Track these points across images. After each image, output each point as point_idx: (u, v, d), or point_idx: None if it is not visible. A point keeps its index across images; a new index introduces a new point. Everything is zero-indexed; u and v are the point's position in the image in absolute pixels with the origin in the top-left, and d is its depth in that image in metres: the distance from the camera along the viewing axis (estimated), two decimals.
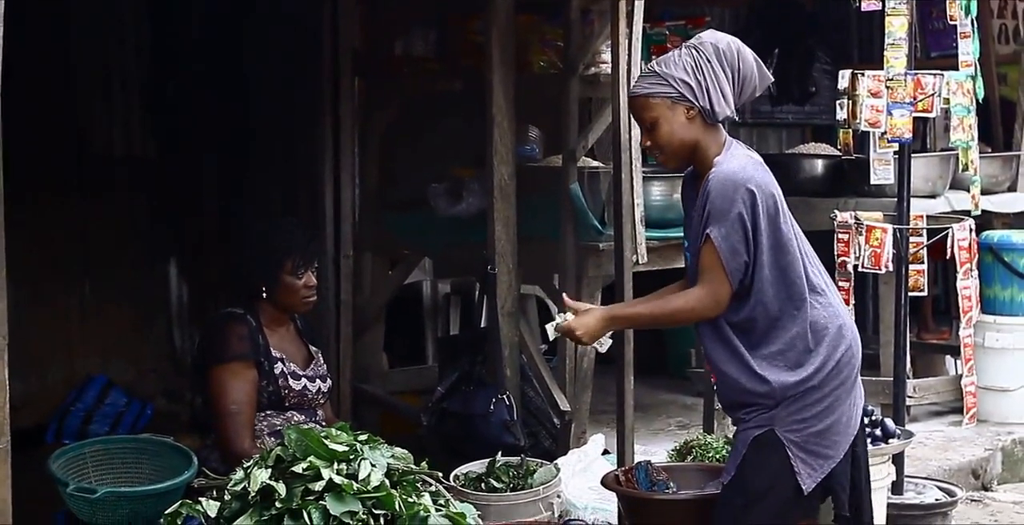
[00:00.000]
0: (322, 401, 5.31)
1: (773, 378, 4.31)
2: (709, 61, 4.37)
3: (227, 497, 3.94)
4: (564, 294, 4.78)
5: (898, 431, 5.82)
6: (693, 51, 4.39)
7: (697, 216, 4.40)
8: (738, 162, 4.36)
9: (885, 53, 6.16)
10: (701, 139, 4.41)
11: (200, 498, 4.00)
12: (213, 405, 5.00)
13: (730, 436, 5.34)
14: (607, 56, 6.20)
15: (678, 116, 4.38)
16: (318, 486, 3.82)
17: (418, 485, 4.03)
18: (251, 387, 5.02)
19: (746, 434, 4.37)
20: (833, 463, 4.33)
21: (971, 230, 6.92)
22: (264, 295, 5.15)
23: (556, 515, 5.39)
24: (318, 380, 5.27)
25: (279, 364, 5.11)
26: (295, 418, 5.10)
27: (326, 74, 7.40)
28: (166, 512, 3.96)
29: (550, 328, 4.54)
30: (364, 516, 3.82)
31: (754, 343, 4.36)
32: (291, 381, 5.12)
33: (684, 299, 4.42)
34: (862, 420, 4.51)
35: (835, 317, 4.37)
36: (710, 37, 4.44)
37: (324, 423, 5.11)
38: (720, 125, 4.45)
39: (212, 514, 3.92)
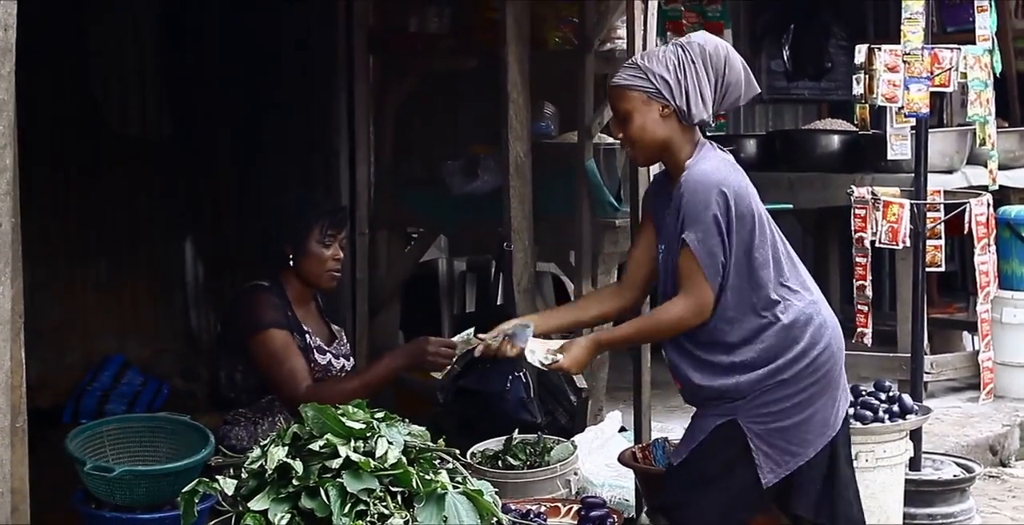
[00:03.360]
0: None
1: (738, 372, 4.26)
2: (693, 62, 4.31)
3: (244, 475, 3.94)
4: (537, 340, 4.54)
5: (915, 407, 5.80)
6: (679, 49, 4.34)
7: (672, 220, 4.33)
8: (711, 164, 4.30)
9: (902, 27, 6.13)
10: (674, 138, 4.35)
11: (217, 476, 4.00)
12: (265, 370, 4.95)
13: None
14: (622, 32, 6.19)
15: (652, 112, 4.33)
16: (335, 463, 3.82)
17: (435, 463, 4.03)
18: (293, 344, 4.99)
19: (707, 421, 4.32)
20: (801, 461, 4.26)
21: (988, 205, 6.90)
22: (291, 262, 5.10)
23: (573, 492, 5.39)
24: (341, 358, 5.27)
25: (307, 337, 5.10)
26: None
27: (340, 52, 7.39)
28: (183, 490, 3.97)
29: (535, 360, 4.51)
30: (381, 493, 3.81)
31: (715, 345, 4.29)
32: (317, 355, 5.10)
33: (670, 312, 4.33)
34: (846, 419, 4.43)
35: (816, 314, 4.30)
36: (699, 38, 4.39)
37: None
38: (696, 127, 4.39)
39: (229, 492, 3.92)
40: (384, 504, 3.81)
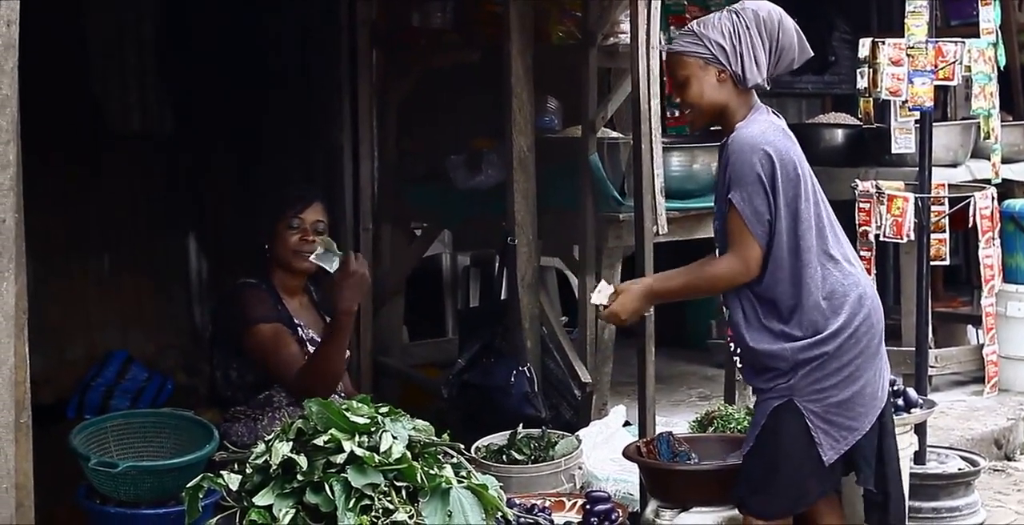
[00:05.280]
0: None
1: (786, 340, 4.32)
2: (748, 27, 4.41)
3: (248, 470, 3.93)
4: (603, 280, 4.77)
5: (920, 401, 5.79)
6: (733, 15, 4.44)
7: (720, 182, 4.44)
8: (758, 127, 4.39)
9: (906, 21, 6.12)
10: (730, 102, 4.46)
11: (221, 471, 4.00)
12: (262, 363, 4.96)
13: (751, 407, 5.34)
14: (626, 26, 6.18)
15: (709, 77, 4.44)
16: (340, 458, 3.81)
17: (440, 457, 4.03)
18: (284, 333, 4.99)
19: (766, 405, 4.38)
20: (858, 435, 4.33)
21: (993, 199, 6.88)
22: (267, 252, 5.12)
23: (578, 486, 5.39)
24: None
25: (300, 330, 5.09)
26: None
27: (343, 47, 7.38)
28: (187, 485, 3.96)
29: (595, 298, 4.58)
30: (386, 488, 3.81)
31: (770, 308, 4.37)
32: (311, 347, 5.10)
33: (717, 266, 4.45)
34: (889, 390, 4.50)
35: (854, 286, 4.37)
36: (753, 4, 4.49)
37: (344, 396, 5.10)
38: (752, 91, 4.48)
39: (233, 487, 3.92)
40: (389, 499, 3.81)
